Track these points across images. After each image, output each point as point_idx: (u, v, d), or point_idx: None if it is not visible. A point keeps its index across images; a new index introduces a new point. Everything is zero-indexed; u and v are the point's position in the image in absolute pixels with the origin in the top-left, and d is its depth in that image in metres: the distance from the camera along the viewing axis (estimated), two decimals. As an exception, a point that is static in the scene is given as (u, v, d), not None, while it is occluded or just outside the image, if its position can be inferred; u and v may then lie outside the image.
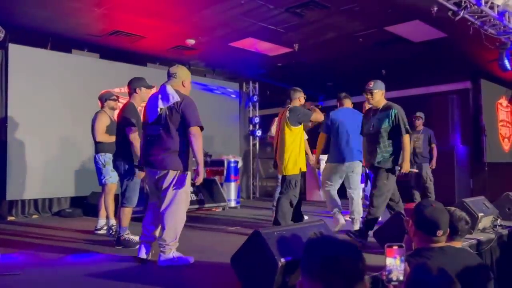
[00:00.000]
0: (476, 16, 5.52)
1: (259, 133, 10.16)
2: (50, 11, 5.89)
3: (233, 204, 7.92)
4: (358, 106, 6.82)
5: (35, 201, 6.83)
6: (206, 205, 7.31)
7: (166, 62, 8.60)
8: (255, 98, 10.29)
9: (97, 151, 5.02)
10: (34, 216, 6.74)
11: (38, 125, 6.74)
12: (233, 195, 7.97)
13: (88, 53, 7.50)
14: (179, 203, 3.53)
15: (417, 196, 7.05)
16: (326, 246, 1.14)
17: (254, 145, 10.41)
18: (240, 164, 8.28)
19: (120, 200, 4.40)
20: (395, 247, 1.60)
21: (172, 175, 3.51)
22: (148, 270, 3.48)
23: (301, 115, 4.77)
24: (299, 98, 4.94)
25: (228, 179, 7.99)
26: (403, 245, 1.60)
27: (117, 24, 6.49)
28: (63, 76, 7.04)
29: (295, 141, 4.77)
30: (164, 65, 8.61)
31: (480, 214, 4.50)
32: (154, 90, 4.10)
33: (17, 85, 6.60)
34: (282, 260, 2.55)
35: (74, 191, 7.11)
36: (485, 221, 4.63)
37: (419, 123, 7.23)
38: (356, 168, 5.16)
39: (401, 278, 1.57)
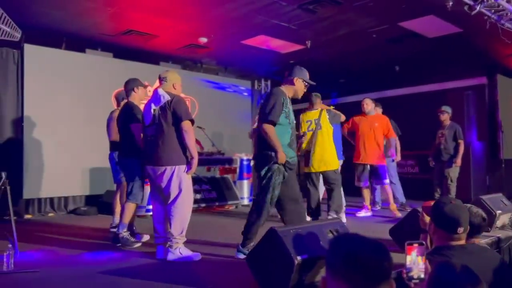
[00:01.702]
0: (493, 10, 5.42)
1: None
2: (64, 11, 5.94)
3: (246, 202, 7.91)
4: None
5: (51, 199, 6.92)
6: (219, 203, 7.32)
7: (179, 60, 8.64)
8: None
9: (112, 149, 5.07)
10: (50, 214, 6.83)
11: (53, 124, 6.82)
12: (246, 193, 7.97)
13: (102, 52, 7.57)
14: (183, 197, 3.69)
15: (438, 193, 6.87)
16: (351, 243, 1.12)
17: (266, 143, 10.40)
18: (252, 162, 8.27)
19: (126, 196, 4.46)
20: (416, 245, 1.58)
21: (170, 171, 3.68)
22: (163, 267, 3.50)
23: (336, 116, 5.71)
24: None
25: (241, 177, 7.99)
26: (424, 242, 1.58)
27: (130, 24, 6.53)
28: (77, 76, 7.12)
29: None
30: (177, 64, 8.65)
31: (498, 212, 4.41)
32: (149, 88, 4.26)
33: (33, 84, 6.69)
34: (299, 258, 2.53)
35: (89, 189, 7.18)
36: (503, 219, 4.54)
37: (444, 118, 6.87)
38: None
39: (422, 276, 1.55)
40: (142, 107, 4.25)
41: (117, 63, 7.66)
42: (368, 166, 6.50)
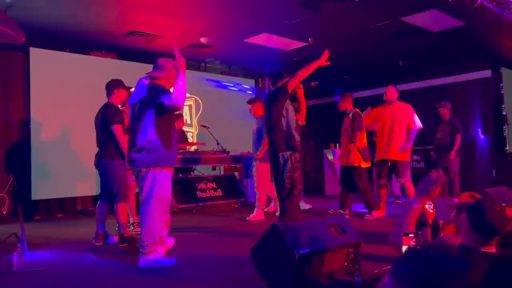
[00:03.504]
0: (495, 3, 5.41)
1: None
2: (68, 13, 6.01)
3: (252, 199, 7.95)
4: (379, 98, 6.77)
5: (59, 200, 7.01)
6: (225, 201, 7.38)
7: (183, 60, 8.68)
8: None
9: None
10: (58, 215, 6.92)
11: (60, 126, 6.90)
12: (251, 190, 8.00)
13: (106, 54, 7.64)
14: (153, 202, 3.38)
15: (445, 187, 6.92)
16: (427, 263, 1.03)
17: (271, 140, 10.43)
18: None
19: (111, 199, 4.41)
20: (411, 235, 1.61)
21: (144, 172, 3.38)
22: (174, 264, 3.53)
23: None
24: None
25: (246, 175, 8.04)
26: (419, 233, 1.61)
27: (133, 24, 6.59)
28: (82, 78, 7.20)
29: None
30: (180, 64, 8.70)
31: (503, 205, 4.42)
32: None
33: (39, 87, 6.78)
34: (299, 252, 2.57)
35: (97, 189, 7.25)
36: (509, 212, 4.55)
37: (444, 112, 6.95)
38: None
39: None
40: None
41: (122, 65, 7.73)
42: (389, 162, 5.89)
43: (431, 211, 2.48)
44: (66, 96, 7.00)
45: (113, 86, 4.54)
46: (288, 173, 4.04)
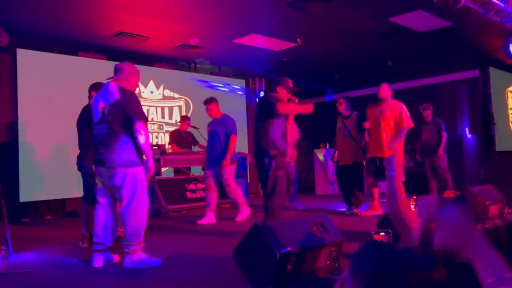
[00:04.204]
0: (479, 4, 5.47)
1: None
2: (55, 15, 6.00)
3: (242, 200, 7.96)
4: (369, 98, 6.83)
5: (47, 202, 6.98)
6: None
7: (172, 61, 8.69)
8: (262, 94, 10.32)
9: None
10: (46, 217, 6.89)
11: (48, 127, 6.87)
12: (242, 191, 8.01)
13: (95, 55, 7.62)
14: (137, 200, 3.42)
15: (434, 186, 7.03)
16: (383, 256, 0.98)
17: (262, 141, 10.45)
18: (248, 160, 8.32)
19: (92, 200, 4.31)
20: (382, 234, 1.64)
21: (122, 173, 3.41)
22: (159, 265, 3.54)
23: None
24: None
25: (237, 175, 8.03)
26: (390, 231, 1.63)
27: (121, 25, 6.58)
28: (71, 79, 7.16)
29: None
30: (170, 65, 8.70)
31: (487, 202, 4.47)
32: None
33: (27, 89, 6.75)
34: (281, 251, 2.59)
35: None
36: (492, 210, 4.60)
37: (427, 114, 7.18)
38: None
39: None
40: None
41: (111, 66, 7.58)
42: (377, 160, 5.82)
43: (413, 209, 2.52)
44: (54, 97, 6.97)
45: (91, 89, 4.65)
46: (272, 172, 4.09)
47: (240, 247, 2.88)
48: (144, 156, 3.50)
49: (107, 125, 3.45)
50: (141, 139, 3.41)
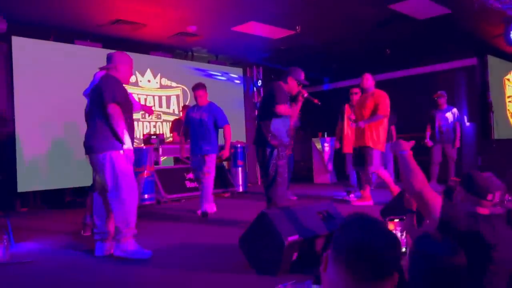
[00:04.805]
0: (481, -10, 5.43)
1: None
2: (51, 2, 5.88)
3: (240, 189, 7.96)
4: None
5: (46, 192, 6.93)
6: (214, 191, 7.34)
7: (169, 49, 8.59)
8: (259, 82, 10.26)
9: None
10: (45, 207, 6.84)
11: (45, 116, 6.79)
12: (240, 180, 8.01)
13: (91, 43, 7.51)
14: (121, 185, 3.37)
15: (434, 173, 7.08)
16: (362, 231, 1.00)
17: (260, 130, 10.42)
18: (246, 150, 8.30)
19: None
20: (396, 220, 1.62)
21: (102, 158, 3.37)
22: (156, 253, 3.53)
23: None
24: None
25: (235, 165, 8.03)
26: (404, 218, 1.62)
27: (118, 13, 6.47)
28: (67, 67, 7.07)
29: None
30: (167, 53, 8.61)
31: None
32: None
33: (22, 77, 6.65)
34: (289, 239, 2.58)
35: (84, 181, 7.18)
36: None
37: (442, 102, 7.17)
38: None
39: (404, 249, 1.59)
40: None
41: (107, 54, 7.58)
42: (357, 149, 5.83)
43: None
44: (50, 85, 6.88)
45: None
46: (274, 160, 4.07)
47: (246, 235, 2.86)
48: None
49: (90, 111, 3.51)
50: (112, 122, 3.30)
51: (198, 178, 5.52)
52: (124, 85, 3.59)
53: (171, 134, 7.49)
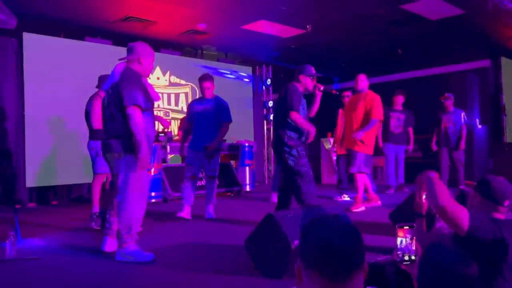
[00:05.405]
0: (496, -9, 5.33)
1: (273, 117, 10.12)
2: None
3: (248, 188, 7.93)
4: (377, 87, 6.71)
5: (54, 187, 6.96)
6: (221, 190, 7.33)
7: (179, 47, 8.59)
8: (269, 81, 10.22)
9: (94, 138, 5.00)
10: (53, 202, 6.88)
11: (54, 112, 6.82)
12: (248, 179, 7.98)
13: (101, 40, 7.52)
14: (130, 190, 3.25)
15: (445, 178, 6.91)
16: (321, 231, 1.02)
17: (268, 129, 10.35)
18: (254, 149, 8.27)
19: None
20: (406, 227, 1.58)
21: (117, 159, 3.27)
22: (165, 251, 3.51)
23: None
24: None
25: (242, 164, 8.00)
26: (414, 225, 1.58)
27: (128, 10, 6.48)
28: (77, 64, 7.09)
29: None
30: (177, 50, 8.60)
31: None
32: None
33: (33, 73, 6.68)
34: (295, 242, 2.54)
35: (92, 177, 7.20)
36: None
37: (449, 104, 7.04)
38: None
39: (413, 257, 1.54)
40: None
41: (117, 51, 7.55)
42: (348, 151, 5.73)
43: (424, 201, 2.45)
44: (60, 82, 6.90)
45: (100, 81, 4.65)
46: (294, 163, 4.08)
47: (253, 237, 2.83)
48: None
49: (108, 109, 3.33)
50: (132, 125, 3.16)
51: (195, 176, 5.13)
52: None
53: (179, 132, 7.49)
